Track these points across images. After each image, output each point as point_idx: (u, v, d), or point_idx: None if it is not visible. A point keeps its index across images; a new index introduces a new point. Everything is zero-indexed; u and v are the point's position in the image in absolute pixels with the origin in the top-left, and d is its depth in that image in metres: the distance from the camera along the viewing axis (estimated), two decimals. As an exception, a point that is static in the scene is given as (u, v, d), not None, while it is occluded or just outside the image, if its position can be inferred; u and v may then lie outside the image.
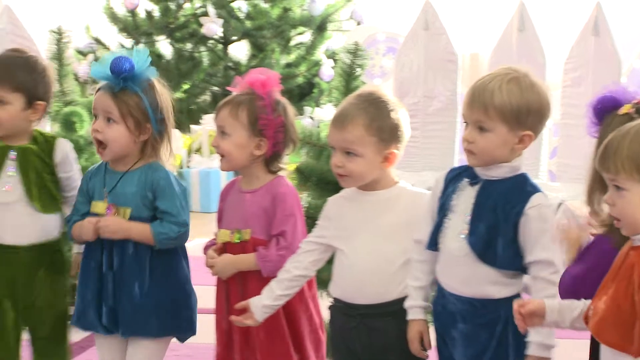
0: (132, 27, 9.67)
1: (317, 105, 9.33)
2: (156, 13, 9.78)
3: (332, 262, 2.70)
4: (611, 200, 2.01)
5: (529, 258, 2.38)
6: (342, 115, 2.60)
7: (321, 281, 2.95)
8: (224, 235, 2.84)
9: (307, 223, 2.85)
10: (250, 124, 2.79)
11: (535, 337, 2.33)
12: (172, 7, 9.77)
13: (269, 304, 2.66)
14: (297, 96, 9.40)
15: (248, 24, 9.64)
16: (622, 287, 1.97)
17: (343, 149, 2.58)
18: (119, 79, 2.82)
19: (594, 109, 2.39)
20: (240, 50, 9.94)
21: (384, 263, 2.58)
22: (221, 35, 9.75)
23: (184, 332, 2.95)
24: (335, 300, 2.69)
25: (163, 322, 2.87)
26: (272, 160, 2.84)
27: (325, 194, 3.19)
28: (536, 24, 6.34)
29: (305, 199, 3.45)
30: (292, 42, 9.90)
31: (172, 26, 9.72)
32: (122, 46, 9.50)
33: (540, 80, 2.44)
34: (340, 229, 2.65)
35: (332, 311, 2.71)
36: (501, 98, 2.37)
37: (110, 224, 2.83)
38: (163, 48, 9.88)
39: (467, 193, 2.46)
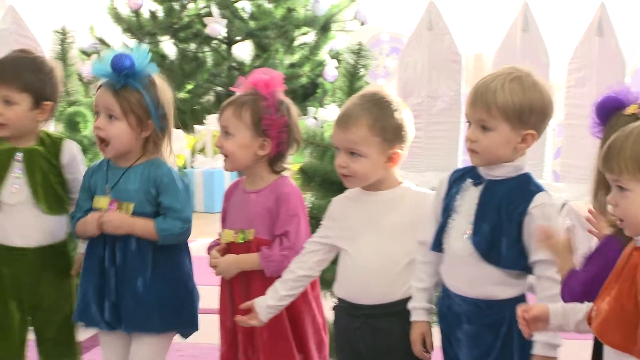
0: (136, 27, 9.69)
1: (321, 105, 9.33)
2: (160, 13, 9.79)
3: (335, 263, 2.70)
4: (614, 200, 2.01)
5: (533, 257, 2.39)
6: (345, 116, 2.59)
7: (325, 281, 2.95)
8: (228, 236, 2.84)
9: (311, 223, 2.85)
10: (253, 124, 2.79)
11: (540, 336, 2.33)
12: (176, 7, 9.78)
13: (273, 304, 2.66)
14: (300, 96, 9.41)
15: (252, 24, 9.65)
16: (625, 287, 1.97)
17: (347, 149, 2.58)
18: (120, 76, 2.82)
19: (598, 110, 2.39)
20: (244, 51, 9.94)
21: (388, 263, 2.58)
22: (225, 35, 9.76)
23: (186, 327, 2.95)
24: (340, 300, 2.69)
25: (166, 317, 2.87)
26: (275, 160, 2.84)
27: (329, 194, 3.19)
28: (540, 25, 6.32)
29: (309, 199, 3.44)
30: (296, 43, 9.91)
31: (176, 26, 9.73)
32: (126, 46, 9.50)
33: (543, 80, 2.44)
34: (344, 229, 2.65)
35: (337, 311, 2.71)
36: (504, 97, 2.37)
37: (114, 219, 2.84)
38: (167, 48, 9.90)
39: (470, 193, 2.46)
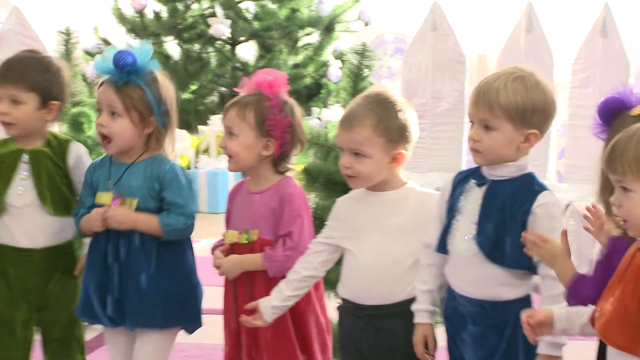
0: (140, 28, 9.69)
1: (325, 106, 9.32)
2: (164, 14, 9.80)
3: (340, 263, 2.70)
4: (618, 201, 2.00)
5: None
6: (349, 116, 2.59)
7: (328, 282, 2.95)
8: (232, 236, 2.84)
9: (315, 224, 2.85)
10: (257, 125, 2.79)
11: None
12: (180, 7, 9.78)
13: (278, 305, 2.66)
14: (304, 97, 9.41)
15: (256, 24, 9.66)
16: (629, 288, 1.97)
17: (351, 149, 2.58)
18: (122, 72, 2.83)
19: (600, 111, 2.38)
20: (248, 51, 9.95)
21: (393, 264, 2.58)
22: (229, 36, 9.76)
23: (190, 323, 2.95)
24: (344, 300, 2.69)
25: (169, 313, 2.87)
26: (279, 160, 2.84)
27: (333, 195, 3.19)
28: (544, 25, 6.32)
29: (313, 200, 3.44)
30: (300, 43, 9.92)
31: (180, 27, 9.73)
32: (130, 46, 9.50)
33: (546, 79, 2.44)
34: (349, 230, 2.65)
35: (341, 312, 2.71)
36: (506, 96, 2.37)
37: (118, 214, 2.84)
38: (171, 49, 9.91)
39: (474, 194, 2.47)
